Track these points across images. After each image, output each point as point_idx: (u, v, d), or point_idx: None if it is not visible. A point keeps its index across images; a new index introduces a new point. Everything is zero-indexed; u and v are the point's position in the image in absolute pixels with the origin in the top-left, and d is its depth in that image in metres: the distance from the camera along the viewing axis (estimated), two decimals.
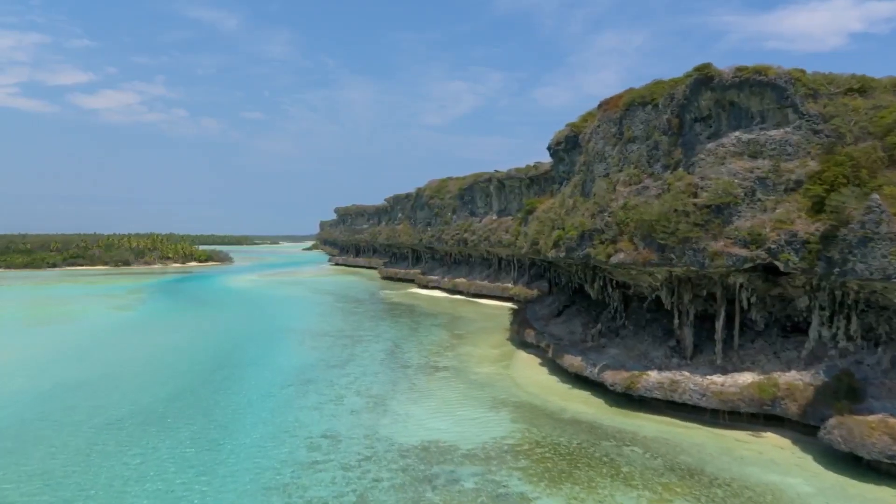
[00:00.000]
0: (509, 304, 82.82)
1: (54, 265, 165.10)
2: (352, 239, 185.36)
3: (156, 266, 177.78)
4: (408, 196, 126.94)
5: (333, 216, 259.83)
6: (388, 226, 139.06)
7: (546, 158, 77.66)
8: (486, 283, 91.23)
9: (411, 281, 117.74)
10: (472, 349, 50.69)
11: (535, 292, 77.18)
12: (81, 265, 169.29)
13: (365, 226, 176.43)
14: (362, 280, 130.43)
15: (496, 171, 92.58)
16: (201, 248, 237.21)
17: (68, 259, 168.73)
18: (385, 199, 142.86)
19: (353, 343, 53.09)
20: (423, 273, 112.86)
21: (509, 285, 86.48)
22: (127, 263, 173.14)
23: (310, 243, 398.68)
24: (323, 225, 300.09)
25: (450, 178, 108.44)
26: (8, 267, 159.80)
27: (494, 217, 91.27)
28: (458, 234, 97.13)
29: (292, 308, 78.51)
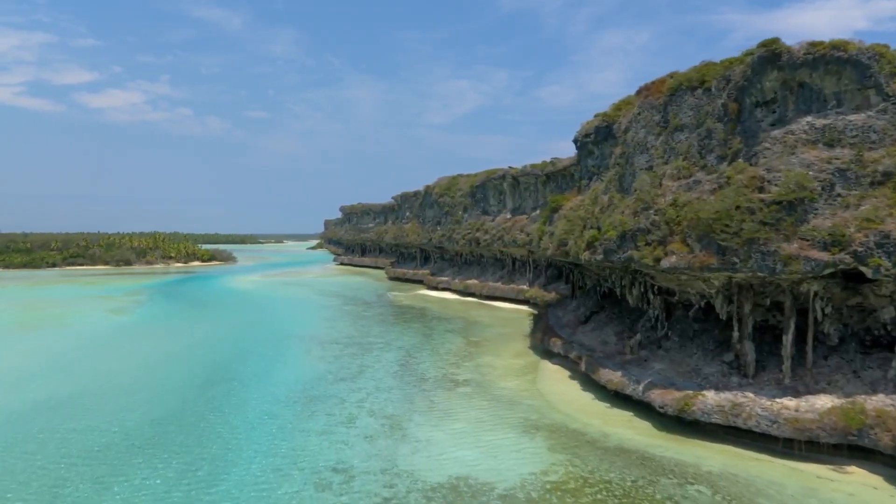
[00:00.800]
0: (525, 308, 78.77)
1: (54, 265, 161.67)
2: (357, 238, 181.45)
3: (158, 266, 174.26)
4: (416, 194, 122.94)
5: (338, 215, 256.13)
6: (396, 225, 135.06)
7: (562, 154, 73.37)
8: (499, 284, 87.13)
9: (420, 282, 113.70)
10: (493, 359, 46.58)
11: (553, 295, 73.02)
12: (82, 265, 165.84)
13: (371, 225, 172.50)
14: (369, 281, 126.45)
15: (510, 167, 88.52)
16: (204, 247, 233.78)
17: (68, 259, 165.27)
18: (392, 198, 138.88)
19: (363, 352, 49.05)
20: (433, 274, 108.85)
21: (524, 287, 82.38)
22: (128, 263, 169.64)
23: (314, 242, 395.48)
24: (327, 224, 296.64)
25: (460, 175, 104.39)
26: (6, 267, 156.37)
27: (508, 216, 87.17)
28: (469, 233, 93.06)
29: (297, 312, 74.54)
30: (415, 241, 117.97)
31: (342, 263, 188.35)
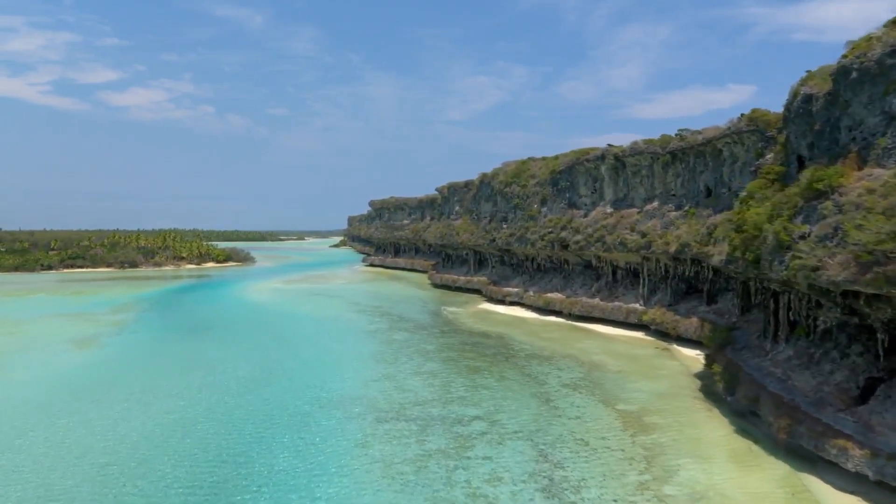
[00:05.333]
0: (640, 335, 57.38)
1: (50, 267, 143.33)
2: (390, 236, 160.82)
3: (167, 268, 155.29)
4: (468, 184, 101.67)
5: (361, 211, 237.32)
6: (441, 221, 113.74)
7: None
8: (596, 301, 65.39)
9: (476, 292, 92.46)
10: (705, 471, 25.09)
11: (696, 323, 51.31)
12: (82, 267, 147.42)
13: (406, 221, 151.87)
14: (410, 288, 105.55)
15: (609, 145, 66.82)
16: (220, 245, 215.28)
17: (66, 260, 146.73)
18: (436, 189, 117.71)
19: (459, 448, 27.84)
20: (494, 282, 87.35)
21: (636, 306, 60.66)
22: (134, 265, 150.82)
23: (337, 239, 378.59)
24: (351, 220, 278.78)
25: (531, 159, 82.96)
26: None
27: (608, 209, 65.48)
28: (551, 232, 71.49)
29: (331, 344, 53.66)
30: (468, 241, 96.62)
31: (372, 265, 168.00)
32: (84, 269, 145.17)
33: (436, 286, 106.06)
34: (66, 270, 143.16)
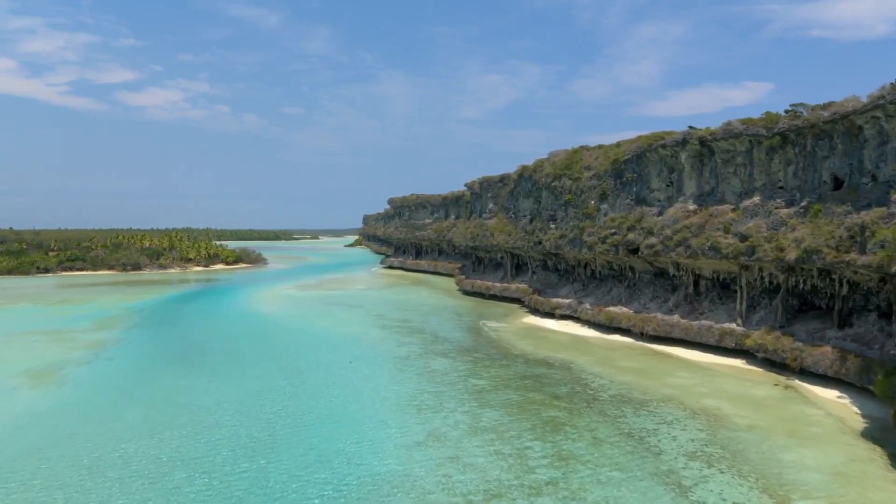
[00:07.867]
0: (739, 363, 45.74)
1: (47, 270, 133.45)
2: (411, 236, 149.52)
3: (173, 270, 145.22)
4: (503, 179, 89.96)
5: (374, 209, 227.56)
6: (471, 220, 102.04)
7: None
8: (676, 319, 53.47)
9: (514, 301, 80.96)
10: None
11: (827, 351, 39.39)
12: (81, 270, 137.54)
13: (428, 220, 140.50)
14: (438, 296, 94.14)
15: (690, 127, 54.89)
16: (234, 245, 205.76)
17: (64, 262, 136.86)
18: (466, 185, 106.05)
19: None
20: (538, 291, 75.64)
21: (733, 327, 48.77)
22: (137, 268, 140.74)
23: (351, 238, 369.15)
24: (367, 219, 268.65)
25: (584, 148, 71.02)
26: None
27: (691, 206, 53.55)
28: (615, 233, 59.61)
29: (358, 381, 42.18)
30: (504, 242, 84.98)
31: (391, 267, 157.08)
32: (83, 273, 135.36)
33: (466, 293, 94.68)
34: (64, 273, 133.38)
